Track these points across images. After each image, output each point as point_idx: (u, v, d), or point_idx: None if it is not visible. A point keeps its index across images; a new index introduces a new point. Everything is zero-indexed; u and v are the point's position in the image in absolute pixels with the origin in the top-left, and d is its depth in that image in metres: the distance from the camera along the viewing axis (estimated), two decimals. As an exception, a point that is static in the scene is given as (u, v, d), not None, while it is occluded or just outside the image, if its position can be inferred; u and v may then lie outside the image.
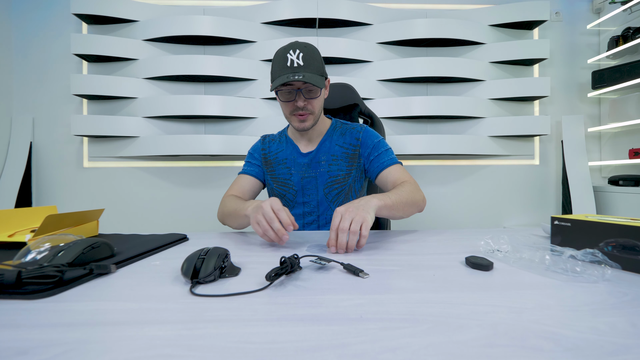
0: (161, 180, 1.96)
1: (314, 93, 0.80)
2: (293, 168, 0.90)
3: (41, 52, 1.93)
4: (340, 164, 0.89)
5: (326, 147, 0.90)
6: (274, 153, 0.94)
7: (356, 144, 0.90)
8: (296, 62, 0.77)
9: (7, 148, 1.89)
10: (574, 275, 0.41)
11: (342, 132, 0.92)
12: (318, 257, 0.47)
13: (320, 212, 0.90)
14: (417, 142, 1.89)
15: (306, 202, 0.90)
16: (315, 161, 0.89)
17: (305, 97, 0.80)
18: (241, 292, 0.36)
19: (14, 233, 0.64)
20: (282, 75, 0.77)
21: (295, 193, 0.90)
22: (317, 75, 0.78)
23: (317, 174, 0.89)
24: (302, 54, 0.77)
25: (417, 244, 0.62)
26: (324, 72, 0.83)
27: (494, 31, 1.98)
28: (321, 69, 0.81)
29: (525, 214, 2.09)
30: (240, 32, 1.85)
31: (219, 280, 0.41)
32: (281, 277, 0.40)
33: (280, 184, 0.92)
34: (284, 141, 0.94)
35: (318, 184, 0.89)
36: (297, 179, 0.90)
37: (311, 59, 0.78)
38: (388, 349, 0.25)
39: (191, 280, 0.39)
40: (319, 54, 0.82)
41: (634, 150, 1.84)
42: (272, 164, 0.93)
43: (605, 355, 0.24)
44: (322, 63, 0.82)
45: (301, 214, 0.91)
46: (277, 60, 0.80)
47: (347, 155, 0.90)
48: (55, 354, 0.24)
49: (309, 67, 0.77)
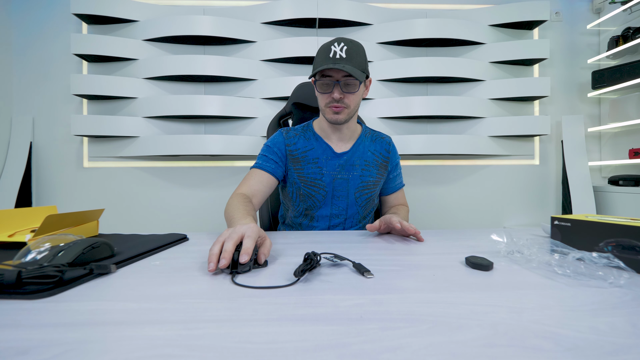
0: (161, 180, 1.96)
1: (352, 87, 0.79)
2: (325, 168, 0.87)
3: (41, 52, 1.93)
4: (371, 171, 0.90)
5: (360, 151, 0.90)
6: (303, 150, 0.88)
7: (386, 156, 0.92)
8: (339, 54, 0.76)
9: (7, 148, 1.89)
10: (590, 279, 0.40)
11: (372, 138, 0.93)
12: (334, 255, 0.49)
13: (347, 215, 0.89)
14: (417, 142, 1.89)
15: (335, 204, 0.89)
16: (350, 163, 0.88)
17: (343, 90, 0.79)
18: (274, 285, 0.39)
19: (14, 233, 0.64)
20: (323, 65, 0.76)
21: (325, 194, 0.88)
22: (358, 70, 0.77)
23: (349, 177, 0.88)
24: (346, 47, 0.77)
25: (417, 244, 0.62)
26: (366, 70, 0.81)
27: (494, 31, 1.98)
28: (363, 65, 0.79)
29: (525, 214, 2.09)
30: (240, 32, 1.85)
31: (252, 270, 0.45)
32: (305, 273, 0.42)
33: (310, 183, 0.87)
34: (311, 137, 0.90)
35: (349, 187, 0.88)
36: (329, 180, 0.87)
37: (355, 53, 0.78)
38: (388, 349, 0.25)
39: (230, 271, 0.43)
40: (363, 51, 0.81)
41: (634, 150, 1.84)
42: (301, 161, 0.88)
43: (605, 355, 0.24)
44: (365, 60, 0.81)
45: (328, 215, 0.89)
46: (321, 52, 0.79)
47: (377, 163, 0.91)
48: (55, 354, 0.24)
49: (351, 60, 0.76)
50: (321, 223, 0.90)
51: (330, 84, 0.79)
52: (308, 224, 0.91)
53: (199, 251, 0.57)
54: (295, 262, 0.48)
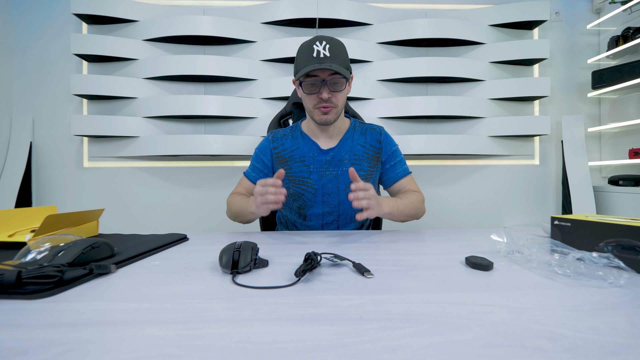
0: (161, 180, 1.96)
1: (339, 86, 0.78)
2: (312, 166, 0.86)
3: (41, 52, 1.93)
4: (362, 164, 0.88)
5: (348, 145, 0.88)
6: (290, 150, 0.89)
7: (378, 147, 0.89)
8: (323, 53, 0.75)
9: (7, 148, 1.89)
10: (590, 279, 0.40)
11: (362, 131, 0.91)
12: (334, 255, 0.49)
13: (340, 211, 0.87)
14: (417, 142, 1.89)
15: (326, 202, 0.87)
16: (337, 159, 0.86)
17: (330, 89, 0.78)
18: (274, 286, 0.39)
19: (14, 233, 0.64)
20: (309, 65, 0.75)
21: (314, 192, 0.87)
22: (343, 67, 0.77)
23: (338, 173, 0.86)
24: (329, 46, 0.76)
25: (417, 244, 0.62)
26: (349, 67, 0.81)
27: (494, 31, 1.98)
28: (347, 62, 0.79)
29: (525, 214, 2.09)
30: (240, 32, 1.85)
31: (253, 271, 0.45)
32: (306, 273, 0.42)
33: (298, 182, 0.87)
34: (299, 137, 0.90)
35: (340, 183, 0.86)
36: (316, 177, 0.86)
37: (338, 51, 0.77)
38: (388, 349, 0.25)
39: (231, 271, 0.43)
40: (344, 48, 0.80)
41: (634, 150, 1.84)
42: (288, 161, 0.88)
43: (605, 355, 0.24)
44: (347, 57, 0.80)
45: (320, 213, 0.88)
46: (302, 52, 0.78)
47: (368, 155, 0.88)
48: (55, 354, 0.24)
49: (335, 58, 0.76)
50: (314, 222, 0.89)
51: (317, 84, 0.78)
52: (302, 223, 0.90)
53: (199, 251, 0.57)
54: (295, 262, 0.48)
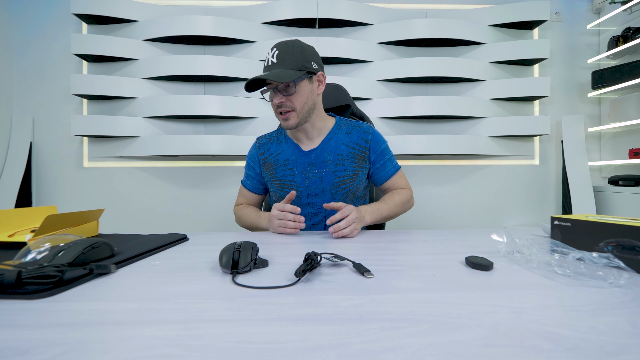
0: (161, 180, 1.96)
1: (289, 89, 0.78)
2: (296, 169, 0.87)
3: (41, 52, 1.93)
4: (346, 164, 0.87)
5: (331, 146, 0.87)
6: (275, 155, 0.90)
7: (364, 146, 0.88)
8: (270, 61, 0.77)
9: (7, 148, 1.89)
10: (590, 279, 0.40)
11: (348, 130, 0.89)
12: (334, 255, 0.49)
13: (327, 212, 0.87)
14: (417, 142, 1.89)
15: (312, 203, 0.88)
16: (320, 160, 0.86)
17: (282, 94, 0.78)
18: (274, 285, 0.39)
19: (14, 233, 0.64)
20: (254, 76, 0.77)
21: (299, 194, 0.87)
22: (289, 70, 0.75)
23: (322, 174, 0.86)
24: (277, 52, 0.76)
25: (417, 244, 0.62)
26: (305, 66, 0.77)
27: (494, 31, 1.98)
28: (299, 63, 0.76)
29: (525, 214, 2.09)
30: (240, 32, 1.85)
31: (253, 271, 0.45)
32: (306, 273, 0.42)
33: (283, 186, 0.88)
34: (283, 140, 0.91)
35: (324, 184, 0.86)
36: (300, 180, 0.87)
37: (287, 54, 0.76)
38: (388, 349, 0.25)
39: (231, 271, 0.43)
40: (300, 48, 0.78)
41: (634, 150, 1.84)
42: (274, 166, 0.90)
43: (605, 355, 0.24)
44: (302, 57, 0.77)
45: (307, 215, 0.88)
46: None
47: (353, 155, 0.87)
48: (55, 354, 0.24)
49: (282, 63, 0.75)
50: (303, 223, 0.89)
51: (271, 91, 0.79)
52: None
53: (199, 251, 0.57)
54: (295, 262, 0.48)
